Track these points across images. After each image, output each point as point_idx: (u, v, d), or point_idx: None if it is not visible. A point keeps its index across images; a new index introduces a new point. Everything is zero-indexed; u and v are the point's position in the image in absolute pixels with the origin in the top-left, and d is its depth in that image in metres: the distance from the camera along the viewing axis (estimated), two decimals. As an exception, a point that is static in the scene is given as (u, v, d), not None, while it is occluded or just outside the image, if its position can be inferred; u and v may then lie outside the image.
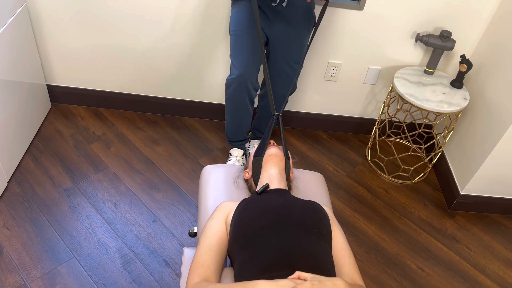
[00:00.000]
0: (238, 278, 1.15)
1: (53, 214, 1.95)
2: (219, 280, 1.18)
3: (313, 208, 1.30)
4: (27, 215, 1.94)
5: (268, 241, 1.16)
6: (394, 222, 2.18)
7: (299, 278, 1.04)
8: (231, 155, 2.26)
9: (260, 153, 1.47)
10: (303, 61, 1.93)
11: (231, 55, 1.92)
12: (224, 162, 2.33)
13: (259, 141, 2.26)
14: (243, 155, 2.26)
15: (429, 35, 2.14)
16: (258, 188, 1.42)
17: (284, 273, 1.07)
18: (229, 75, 1.93)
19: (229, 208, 1.31)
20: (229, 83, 1.94)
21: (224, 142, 2.44)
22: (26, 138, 2.20)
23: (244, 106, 2.00)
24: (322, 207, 1.34)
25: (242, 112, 2.03)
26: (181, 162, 2.29)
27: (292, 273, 1.06)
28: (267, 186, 1.37)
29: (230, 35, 1.92)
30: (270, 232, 1.18)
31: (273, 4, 1.80)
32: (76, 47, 2.27)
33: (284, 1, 1.78)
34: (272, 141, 1.53)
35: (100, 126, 2.42)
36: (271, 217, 1.22)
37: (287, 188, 1.42)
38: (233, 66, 1.91)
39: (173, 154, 2.33)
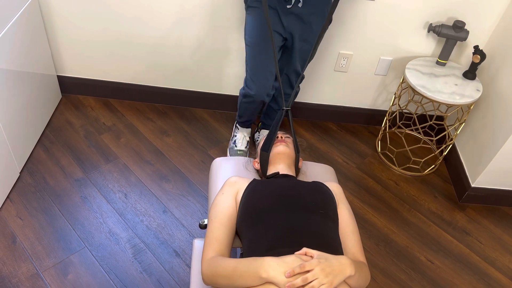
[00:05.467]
0: (246, 255, 1.18)
1: (64, 204, 1.98)
2: (230, 253, 1.23)
3: (320, 190, 1.33)
4: (39, 205, 1.96)
5: (276, 221, 1.19)
6: (403, 214, 2.17)
7: (305, 255, 1.07)
8: (237, 130, 2.30)
9: (267, 148, 1.47)
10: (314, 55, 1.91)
11: (247, 66, 1.90)
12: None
13: (267, 131, 2.26)
14: (250, 134, 2.33)
15: (442, 26, 2.11)
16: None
17: (291, 250, 1.10)
18: (245, 88, 1.95)
19: (239, 185, 1.34)
20: (244, 95, 1.98)
21: (234, 133, 2.45)
22: (38, 128, 2.22)
23: (259, 107, 2.07)
24: (328, 188, 1.37)
25: (256, 110, 2.10)
26: (191, 153, 2.30)
27: (299, 250, 1.09)
28: (277, 173, 1.41)
29: (245, 44, 1.88)
30: (278, 213, 1.22)
31: (288, 7, 1.73)
32: (87, 38, 2.27)
33: (300, 1, 1.72)
34: (280, 135, 1.52)
35: (110, 117, 2.43)
36: (279, 199, 1.26)
37: (295, 175, 1.45)
38: (250, 80, 1.91)
39: (182, 145, 2.34)
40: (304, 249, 1.08)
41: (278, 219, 1.19)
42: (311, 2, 1.73)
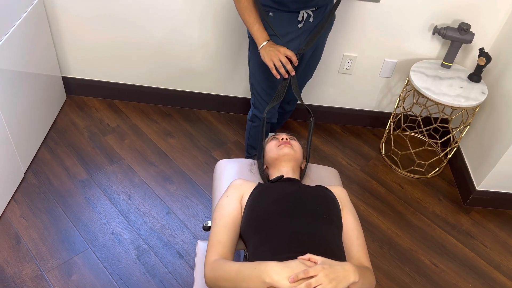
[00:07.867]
0: (251, 260, 1.18)
1: (68, 205, 1.98)
2: (233, 256, 1.23)
3: (324, 195, 1.33)
4: (43, 205, 1.97)
5: (281, 227, 1.19)
6: (408, 217, 2.16)
7: (309, 260, 1.07)
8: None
9: (259, 156, 1.48)
10: None
11: (254, 91, 1.86)
12: (237, 155, 2.33)
13: (272, 134, 2.24)
14: None
15: (447, 28, 2.10)
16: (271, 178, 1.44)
17: (295, 256, 1.10)
18: (254, 111, 1.91)
19: (244, 189, 1.34)
20: (254, 119, 1.94)
21: (237, 135, 2.44)
22: (42, 129, 2.23)
23: (268, 131, 2.03)
24: (332, 193, 1.36)
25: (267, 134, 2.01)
26: (195, 154, 2.30)
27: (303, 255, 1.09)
28: (281, 176, 1.40)
29: (250, 72, 1.82)
30: (282, 219, 1.22)
31: (300, 26, 1.68)
32: (91, 40, 2.28)
33: (311, 16, 1.66)
34: (285, 137, 1.51)
35: (114, 118, 2.43)
36: (284, 204, 1.26)
37: (299, 179, 1.44)
38: (257, 102, 1.88)
39: (186, 146, 2.34)
40: (308, 255, 1.08)
41: (282, 226, 1.19)
42: (320, 11, 1.68)
